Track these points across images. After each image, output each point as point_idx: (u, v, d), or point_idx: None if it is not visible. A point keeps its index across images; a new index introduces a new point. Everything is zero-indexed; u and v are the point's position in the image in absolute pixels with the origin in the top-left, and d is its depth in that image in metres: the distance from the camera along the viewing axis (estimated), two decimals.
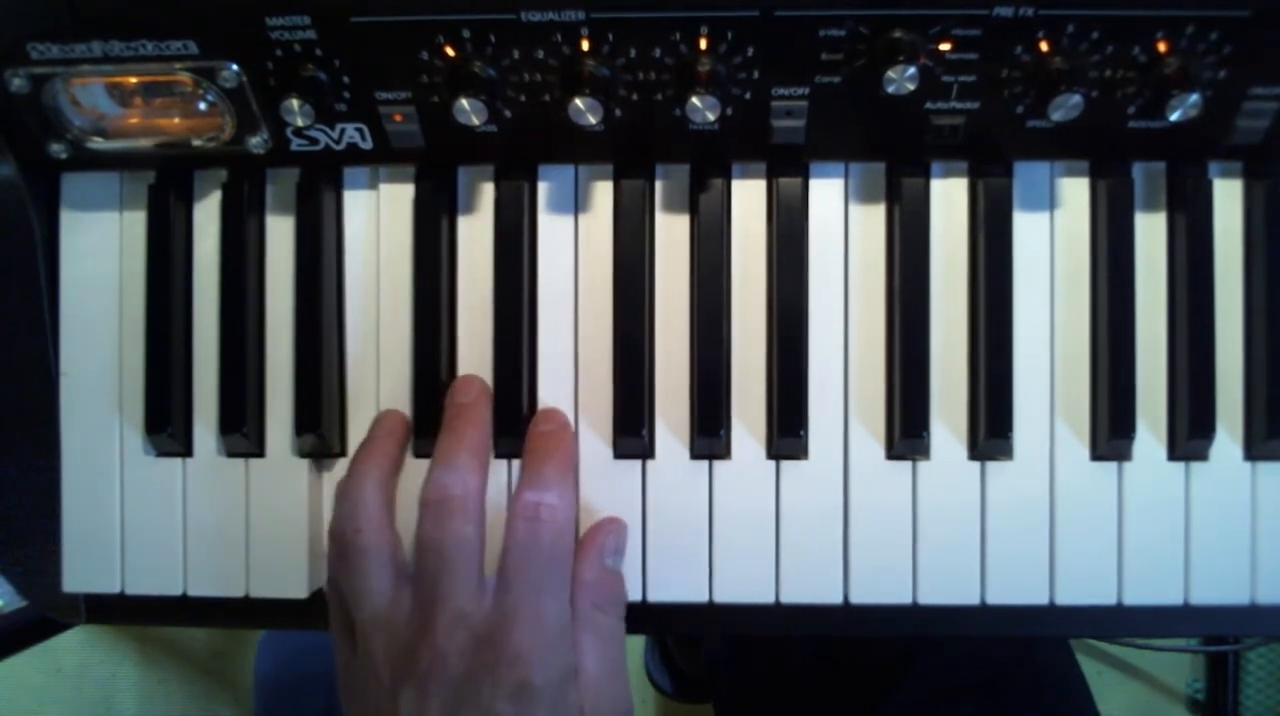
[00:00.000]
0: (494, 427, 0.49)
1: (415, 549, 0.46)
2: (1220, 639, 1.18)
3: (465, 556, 0.46)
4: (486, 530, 0.47)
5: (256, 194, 0.51)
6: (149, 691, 1.45)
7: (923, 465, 0.50)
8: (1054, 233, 0.50)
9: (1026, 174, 0.50)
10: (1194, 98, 0.43)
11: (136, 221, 0.51)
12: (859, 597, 0.49)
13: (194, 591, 0.51)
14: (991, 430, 0.48)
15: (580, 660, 0.46)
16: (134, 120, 0.49)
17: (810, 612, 0.50)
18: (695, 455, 0.50)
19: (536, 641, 0.44)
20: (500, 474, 0.50)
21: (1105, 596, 0.49)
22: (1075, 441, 0.49)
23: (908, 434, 0.48)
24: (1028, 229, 0.49)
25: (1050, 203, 0.50)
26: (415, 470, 0.50)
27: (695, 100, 0.44)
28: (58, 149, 0.49)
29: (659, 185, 0.51)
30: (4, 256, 0.51)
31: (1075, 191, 0.50)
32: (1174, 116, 0.44)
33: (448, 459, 0.47)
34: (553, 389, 0.50)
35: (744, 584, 0.50)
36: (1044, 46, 0.44)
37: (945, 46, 0.44)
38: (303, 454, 0.51)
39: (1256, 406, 0.49)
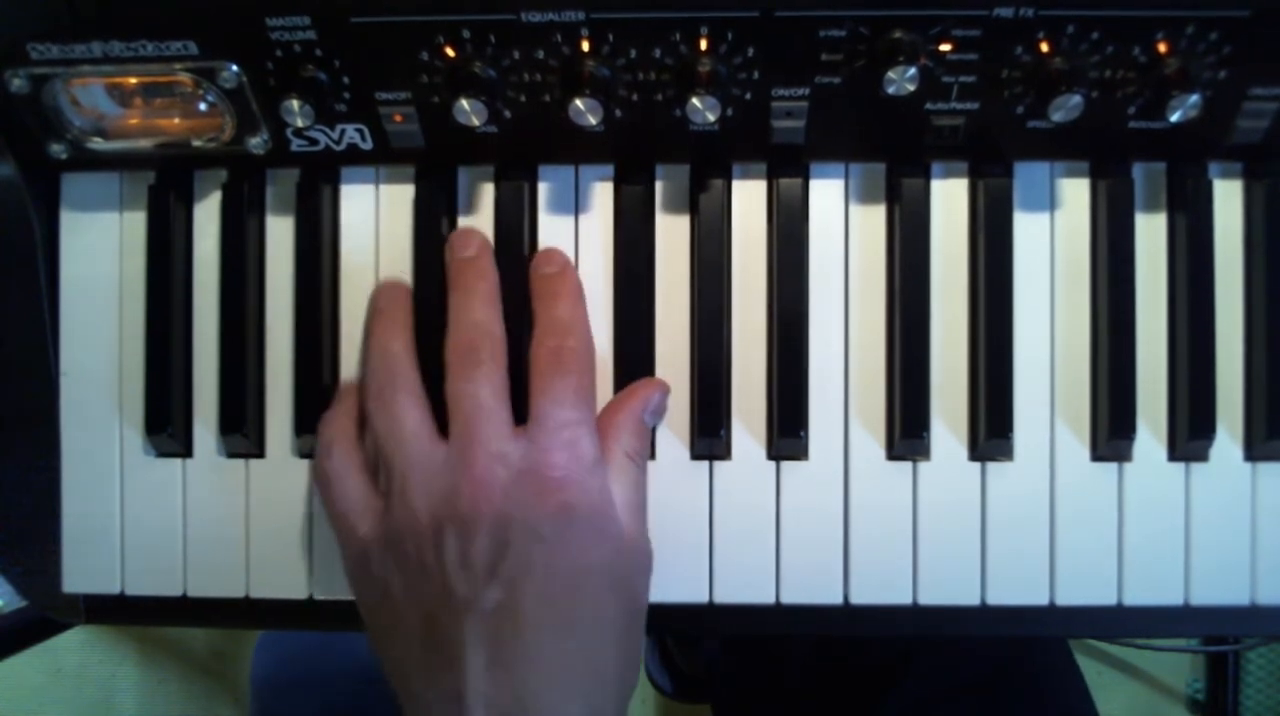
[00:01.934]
0: None
1: (448, 400, 0.46)
2: (1220, 639, 1.18)
3: (498, 401, 0.46)
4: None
5: (256, 194, 0.51)
6: (149, 691, 1.45)
7: (923, 465, 0.50)
8: (1054, 233, 0.50)
9: (1026, 174, 0.50)
10: (1194, 98, 0.43)
11: (136, 221, 0.51)
12: (859, 598, 0.49)
13: (194, 591, 0.51)
14: (992, 430, 0.48)
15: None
16: (134, 120, 0.49)
17: (810, 612, 0.50)
18: (695, 455, 0.50)
19: (573, 467, 0.45)
20: None
21: (1105, 596, 0.49)
22: (1075, 442, 0.49)
23: (908, 434, 0.48)
24: (1028, 229, 0.49)
25: (1050, 203, 0.50)
26: None
27: (695, 100, 0.44)
28: (58, 149, 0.49)
29: (659, 185, 0.51)
30: (4, 256, 0.51)
31: (1075, 192, 0.50)
32: (1174, 117, 0.44)
33: (465, 311, 0.47)
34: None
35: (744, 584, 0.50)
36: (1044, 47, 0.44)
37: (945, 47, 0.44)
38: (303, 454, 0.51)
39: (1256, 407, 0.49)
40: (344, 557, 0.48)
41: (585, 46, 0.44)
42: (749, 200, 0.50)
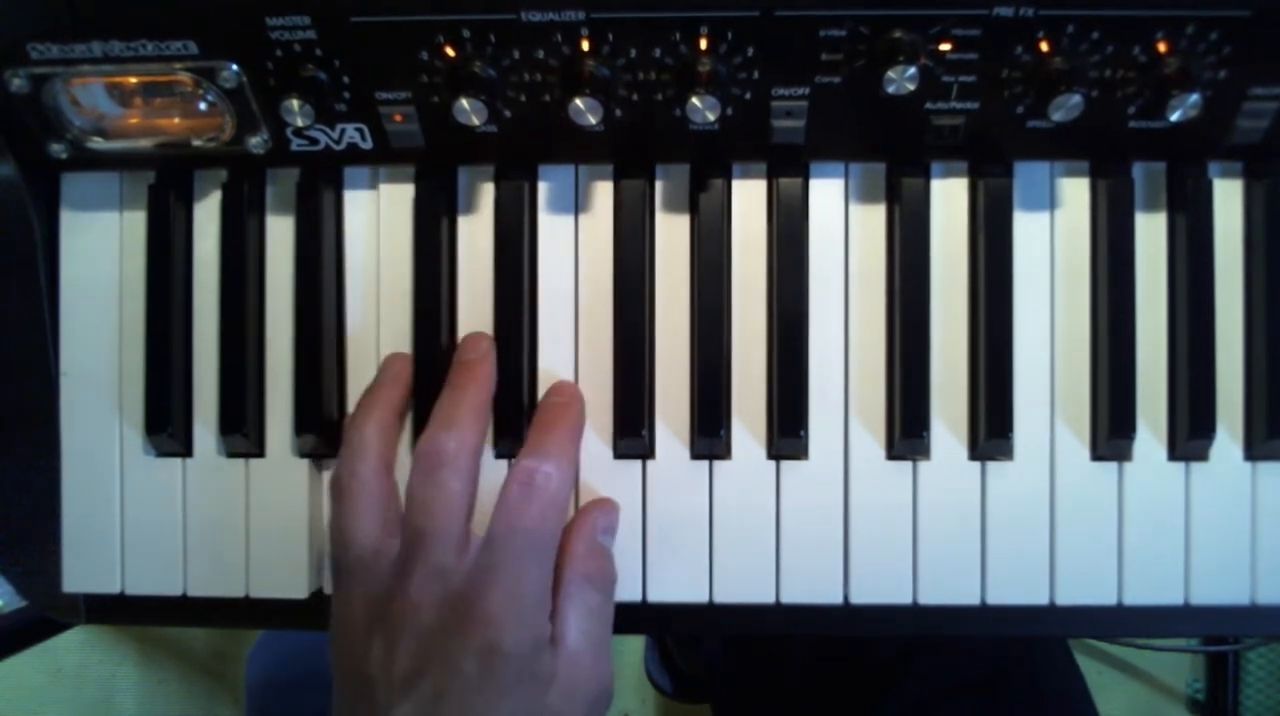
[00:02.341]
0: (494, 428, 0.49)
1: (405, 500, 0.47)
2: (1220, 639, 1.18)
3: (451, 512, 0.46)
4: (481, 493, 0.47)
5: (256, 194, 0.51)
6: (149, 691, 1.44)
7: (923, 465, 0.50)
8: (1054, 233, 0.50)
9: (1026, 174, 0.50)
10: (1194, 98, 0.43)
11: (136, 221, 0.51)
12: (859, 597, 0.49)
13: (194, 591, 0.51)
14: (992, 430, 0.48)
15: (561, 630, 0.46)
16: (134, 120, 0.49)
17: (810, 612, 0.50)
18: (695, 455, 0.50)
19: (510, 606, 0.44)
20: (500, 475, 0.50)
21: (1105, 596, 0.49)
22: (1075, 441, 0.49)
23: (908, 434, 0.48)
24: (1028, 229, 0.49)
25: (1050, 203, 0.50)
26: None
27: (695, 100, 0.44)
28: (58, 149, 0.49)
29: (659, 185, 0.51)
30: (4, 256, 0.51)
31: (1075, 191, 0.50)
32: (1174, 116, 0.44)
33: (446, 414, 0.47)
34: None
35: (744, 584, 0.50)
36: (1044, 46, 0.44)
37: (945, 46, 0.44)
38: (303, 454, 0.51)
39: (1256, 406, 0.49)
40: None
41: (585, 46, 0.44)
42: (749, 200, 0.50)
